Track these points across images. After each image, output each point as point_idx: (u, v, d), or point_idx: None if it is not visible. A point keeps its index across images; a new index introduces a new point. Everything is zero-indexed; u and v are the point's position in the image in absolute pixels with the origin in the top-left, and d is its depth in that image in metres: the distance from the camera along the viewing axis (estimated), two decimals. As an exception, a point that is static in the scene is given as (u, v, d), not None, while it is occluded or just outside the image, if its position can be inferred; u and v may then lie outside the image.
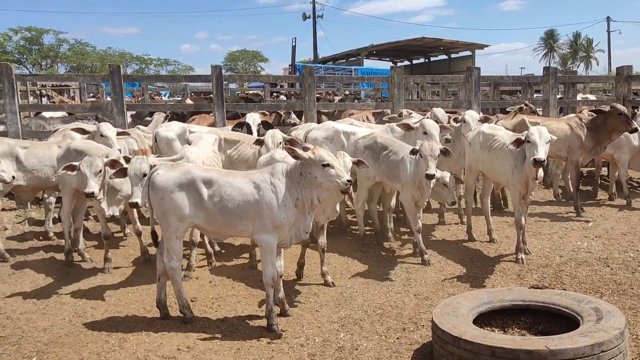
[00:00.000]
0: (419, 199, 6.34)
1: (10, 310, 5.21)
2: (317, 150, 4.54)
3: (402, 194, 6.48)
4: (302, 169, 4.56)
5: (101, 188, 5.64)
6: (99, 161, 5.50)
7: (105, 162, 5.56)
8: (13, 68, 8.61)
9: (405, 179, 6.29)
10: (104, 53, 61.42)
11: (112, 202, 6.04)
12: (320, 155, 4.47)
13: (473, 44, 47.10)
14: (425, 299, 5.36)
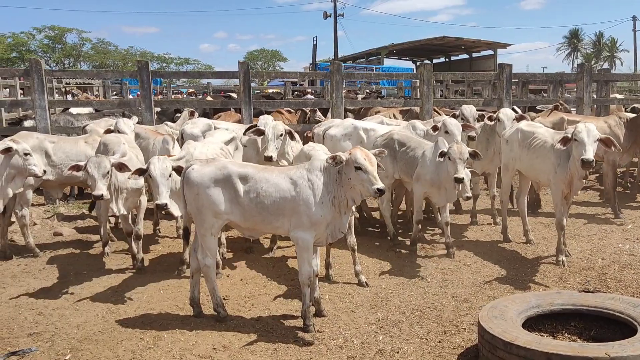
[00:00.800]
0: (434, 196, 6.32)
1: (42, 306, 5.16)
2: (354, 150, 4.37)
3: (416, 187, 6.40)
4: (340, 168, 4.42)
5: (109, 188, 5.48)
6: (106, 162, 5.34)
7: (113, 162, 5.43)
8: (42, 64, 8.59)
9: (423, 176, 6.20)
10: (125, 52, 62.03)
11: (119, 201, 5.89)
12: (355, 156, 4.30)
13: (495, 42, 46.45)
14: (464, 301, 5.18)
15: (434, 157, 6.03)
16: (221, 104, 10.50)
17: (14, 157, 5.49)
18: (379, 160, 4.50)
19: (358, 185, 4.31)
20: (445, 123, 6.58)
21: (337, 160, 4.35)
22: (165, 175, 4.95)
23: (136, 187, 5.96)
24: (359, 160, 4.26)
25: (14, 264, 6.43)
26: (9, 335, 4.56)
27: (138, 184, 5.95)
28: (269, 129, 6.34)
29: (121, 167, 5.45)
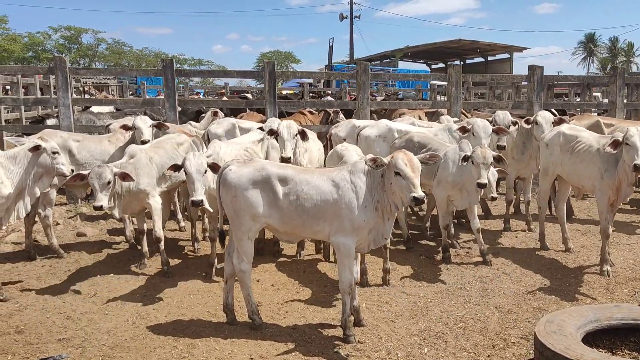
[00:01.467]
0: (456, 199, 6.20)
1: (70, 310, 4.99)
2: (397, 154, 4.14)
3: (437, 191, 6.23)
4: (383, 172, 4.20)
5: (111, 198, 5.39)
6: (107, 172, 5.22)
7: (116, 172, 5.33)
8: (67, 62, 8.46)
9: (444, 178, 6.05)
10: (140, 53, 62.25)
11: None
12: (395, 161, 4.09)
13: (511, 46, 46.15)
14: (508, 312, 4.94)
15: (456, 160, 5.91)
16: (245, 104, 10.33)
17: (42, 156, 5.32)
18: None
19: (397, 191, 4.11)
20: (473, 125, 6.35)
21: (377, 163, 4.13)
22: (200, 172, 4.90)
23: (137, 189, 5.77)
24: (398, 165, 4.05)
25: (39, 265, 6.29)
26: (38, 341, 4.39)
27: (140, 186, 5.78)
28: (284, 129, 6.11)
29: (124, 177, 5.38)
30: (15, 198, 5.29)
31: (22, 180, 5.28)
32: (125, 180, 5.43)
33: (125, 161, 5.87)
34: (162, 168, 6.12)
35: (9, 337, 4.46)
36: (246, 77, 11.07)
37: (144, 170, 5.91)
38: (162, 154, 6.28)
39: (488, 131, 6.39)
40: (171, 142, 6.54)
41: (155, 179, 6.07)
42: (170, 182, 6.35)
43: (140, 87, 20.76)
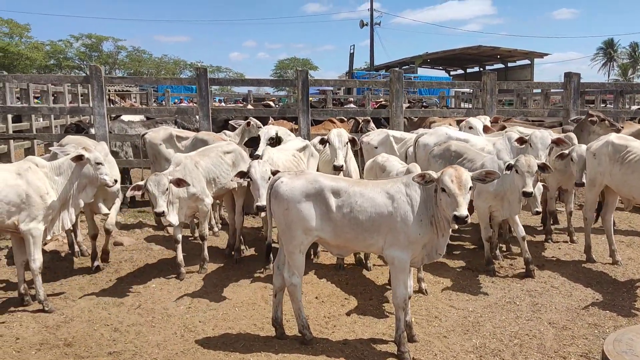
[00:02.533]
0: (497, 209, 6.13)
1: (116, 322, 4.95)
2: (446, 170, 4.03)
3: (478, 202, 6.13)
4: (436, 186, 4.11)
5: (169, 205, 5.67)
6: (164, 179, 5.47)
7: (171, 180, 5.55)
8: (102, 70, 8.51)
9: (485, 188, 5.88)
10: (159, 60, 62.96)
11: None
12: (443, 176, 3.99)
13: (532, 52, 45.64)
14: (563, 329, 4.80)
15: (495, 169, 5.75)
16: (278, 112, 10.29)
17: (85, 166, 5.32)
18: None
19: (444, 206, 4.02)
20: (531, 136, 6.19)
21: (426, 179, 4.04)
22: (264, 178, 5.13)
23: (187, 195, 5.92)
24: (444, 181, 3.96)
25: (80, 275, 6.28)
26: (88, 354, 4.36)
27: (190, 192, 5.94)
28: (335, 137, 6.07)
29: (179, 182, 5.58)
30: (60, 208, 5.29)
31: (66, 191, 5.28)
32: (180, 185, 5.62)
33: (172, 169, 5.93)
34: (207, 174, 6.25)
35: (59, 350, 4.43)
36: (279, 85, 11.01)
37: (191, 177, 5.99)
38: (207, 161, 6.32)
39: (546, 142, 6.18)
40: (217, 151, 6.55)
41: (204, 184, 6.17)
42: (216, 189, 6.38)
43: (164, 95, 20.91)
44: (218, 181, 6.37)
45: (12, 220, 5.00)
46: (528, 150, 6.22)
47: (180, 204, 5.94)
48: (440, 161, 6.48)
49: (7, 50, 46.11)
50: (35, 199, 5.07)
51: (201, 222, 6.28)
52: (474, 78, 48.63)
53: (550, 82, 10.97)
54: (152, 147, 7.80)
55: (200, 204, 6.10)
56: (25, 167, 5.18)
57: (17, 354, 4.37)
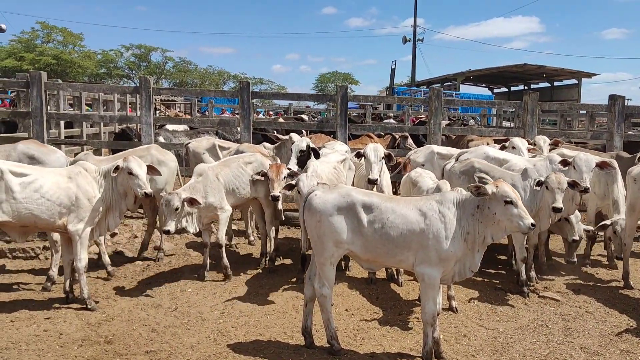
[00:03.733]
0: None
1: (154, 323, 5.16)
2: (500, 184, 4.17)
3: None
4: (480, 202, 4.19)
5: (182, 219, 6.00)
6: (175, 200, 5.76)
7: (184, 199, 5.83)
8: (151, 81, 8.88)
9: None
10: (204, 71, 64.47)
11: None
12: (504, 190, 4.12)
13: (579, 72, 44.65)
14: (595, 354, 4.74)
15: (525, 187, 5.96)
16: (317, 126, 10.48)
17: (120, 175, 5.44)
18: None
19: (506, 220, 4.15)
20: (575, 158, 6.14)
21: (481, 192, 4.13)
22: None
23: (206, 204, 6.20)
24: (509, 195, 4.13)
25: (120, 277, 6.55)
26: (127, 352, 4.57)
27: (208, 201, 6.26)
28: (371, 152, 6.17)
29: (192, 202, 5.89)
30: (106, 212, 5.57)
31: (109, 196, 5.54)
32: (193, 205, 5.92)
33: (194, 181, 6.28)
34: (227, 185, 6.52)
35: (99, 346, 4.66)
36: (319, 100, 11.17)
37: (211, 188, 6.32)
38: (227, 172, 6.59)
39: (591, 165, 6.12)
40: (238, 162, 6.77)
41: (223, 193, 6.45)
42: (235, 199, 6.62)
43: (208, 106, 21.48)
44: (237, 192, 6.62)
45: (62, 220, 5.30)
46: (571, 172, 6.17)
47: (199, 212, 6.25)
48: (464, 177, 6.52)
49: (61, 58, 48.08)
50: (83, 202, 5.36)
51: (220, 229, 6.49)
52: (518, 97, 47.83)
53: (593, 104, 10.80)
54: (195, 156, 8.08)
55: (219, 212, 6.39)
56: (76, 171, 5.49)
57: (60, 349, 4.61)
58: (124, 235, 7.96)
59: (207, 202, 6.25)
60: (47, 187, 5.24)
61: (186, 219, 6.13)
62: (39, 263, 6.97)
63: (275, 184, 6.27)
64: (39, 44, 49.73)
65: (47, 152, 6.79)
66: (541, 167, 6.68)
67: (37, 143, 7.04)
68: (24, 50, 47.22)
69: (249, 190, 6.66)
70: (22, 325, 5.02)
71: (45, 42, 50.49)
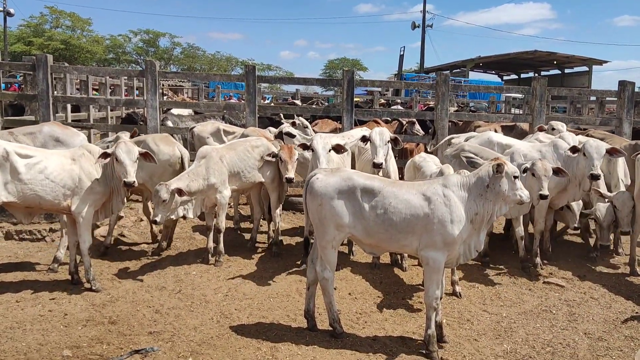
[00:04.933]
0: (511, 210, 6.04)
1: (158, 304, 5.19)
2: (507, 161, 4.21)
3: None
4: (490, 181, 4.19)
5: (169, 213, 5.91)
6: (163, 192, 5.69)
7: (172, 190, 5.75)
8: (157, 66, 8.86)
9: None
10: (212, 57, 64.29)
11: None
12: (513, 167, 4.25)
13: (590, 59, 44.20)
14: (599, 340, 4.72)
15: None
16: (323, 111, 10.43)
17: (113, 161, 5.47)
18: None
19: (512, 194, 4.24)
20: (585, 145, 6.03)
21: (501, 169, 4.21)
22: (325, 149, 5.74)
23: (207, 186, 6.18)
24: (517, 170, 4.27)
25: (126, 259, 6.58)
26: (130, 332, 4.60)
27: (210, 182, 6.20)
28: (376, 136, 6.10)
29: (180, 192, 5.80)
30: (110, 195, 5.58)
31: (109, 180, 5.53)
32: (181, 195, 5.83)
33: (195, 166, 6.26)
34: (232, 168, 6.48)
35: (103, 327, 4.70)
36: (325, 84, 11.09)
37: (214, 169, 6.26)
38: (232, 155, 6.55)
39: (601, 152, 6.01)
40: (244, 145, 6.75)
41: (226, 177, 6.39)
42: (240, 183, 6.61)
43: (215, 91, 21.44)
44: (242, 175, 6.58)
45: (67, 202, 5.32)
46: (581, 159, 6.10)
47: (202, 195, 6.26)
48: (455, 161, 6.51)
49: (69, 43, 48.06)
50: (87, 183, 5.37)
51: (219, 214, 6.46)
52: (528, 84, 47.35)
53: (603, 90, 10.65)
54: (200, 140, 8.07)
55: (218, 195, 6.33)
56: (80, 153, 5.50)
57: (65, 329, 4.65)
58: (129, 219, 7.99)
59: (209, 183, 6.22)
60: (52, 169, 5.26)
61: (184, 207, 6.15)
62: (45, 245, 7.02)
63: (289, 165, 6.24)
64: (48, 28, 49.74)
65: (71, 135, 6.81)
66: (547, 152, 6.60)
67: (61, 125, 7.05)
68: (32, 35, 47.23)
69: (255, 174, 6.64)
70: (27, 306, 5.07)
71: (54, 27, 50.48)
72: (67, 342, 4.41)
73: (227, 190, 6.41)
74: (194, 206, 6.28)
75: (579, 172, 6.18)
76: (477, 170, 4.32)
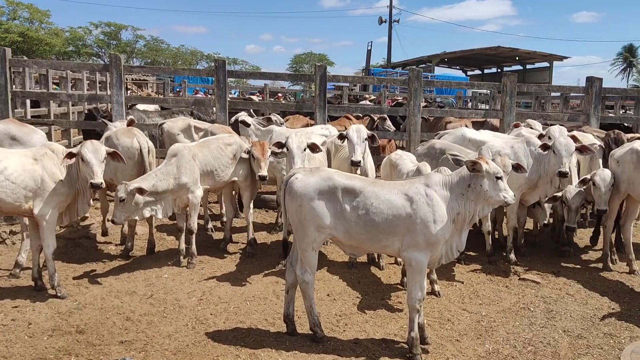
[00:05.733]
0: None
1: (129, 311, 4.96)
2: (489, 160, 4.11)
3: None
4: (472, 180, 4.11)
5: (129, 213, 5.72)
6: (121, 191, 5.54)
7: (131, 190, 5.56)
8: (122, 59, 8.52)
9: None
10: (176, 50, 63.12)
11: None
12: (495, 167, 4.16)
13: (551, 55, 45.26)
14: (578, 337, 4.72)
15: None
16: (295, 107, 10.26)
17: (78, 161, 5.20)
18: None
19: (495, 195, 4.14)
20: (555, 142, 6.04)
21: (476, 168, 4.11)
22: (301, 148, 5.64)
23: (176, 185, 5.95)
24: (500, 170, 4.19)
25: (93, 262, 6.30)
26: (100, 342, 4.37)
27: (181, 182, 5.96)
28: (353, 133, 6.01)
29: (141, 191, 5.61)
30: (76, 197, 5.29)
31: (74, 181, 5.24)
32: (142, 195, 5.63)
33: (164, 164, 6.04)
34: (205, 166, 6.25)
35: (71, 336, 4.45)
36: (297, 79, 10.89)
37: (185, 168, 6.02)
38: (206, 153, 6.33)
39: (570, 150, 6.02)
40: (217, 143, 6.53)
41: (198, 175, 6.16)
42: (213, 182, 6.39)
43: (181, 86, 20.97)
44: (216, 174, 6.37)
45: (29, 205, 5.02)
46: (551, 157, 6.11)
47: (173, 195, 6.01)
48: (426, 159, 6.44)
49: (27, 35, 46.33)
50: (50, 185, 5.07)
51: (190, 215, 6.20)
52: (491, 79, 48.20)
53: (571, 85, 10.79)
54: (169, 137, 7.81)
55: (190, 195, 6.08)
56: (42, 152, 5.19)
57: (29, 339, 4.38)
58: (95, 219, 7.68)
59: (180, 182, 5.99)
60: (12, 169, 4.94)
61: (151, 208, 5.92)
62: (5, 248, 6.66)
63: (262, 162, 6.10)
64: (4, 20, 47.82)
65: (28, 132, 6.47)
66: (519, 149, 6.60)
67: (17, 122, 6.69)
68: (-12, 28, 45.43)
69: (228, 172, 6.45)
70: (-13, 315, 4.77)
71: (11, 19, 48.56)
72: (33, 354, 4.15)
73: (199, 190, 6.19)
74: (163, 206, 6.05)
75: (550, 169, 6.18)
76: (460, 169, 4.25)
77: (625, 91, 11.35)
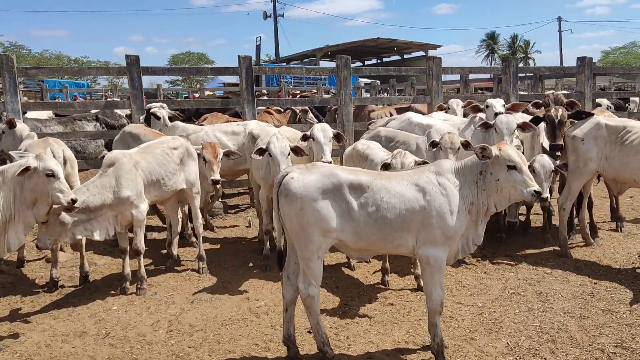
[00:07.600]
0: None
1: (87, 358, 4.03)
2: (505, 147, 3.74)
3: None
4: (483, 167, 3.74)
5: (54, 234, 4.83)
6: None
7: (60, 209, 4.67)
8: (14, 61, 7.18)
9: None
10: (39, 56, 57.82)
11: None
12: (507, 154, 3.70)
13: (426, 44, 47.86)
14: (583, 318, 4.59)
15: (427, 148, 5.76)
16: (221, 103, 9.42)
17: (33, 178, 4.22)
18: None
19: (509, 187, 3.71)
20: (496, 121, 5.96)
21: (485, 154, 3.67)
22: (284, 154, 5.16)
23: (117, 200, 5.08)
24: (513, 158, 3.69)
25: (18, 299, 5.19)
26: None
27: (122, 196, 5.08)
28: (319, 133, 5.56)
29: (71, 210, 4.66)
30: (5, 226, 4.22)
31: (8, 204, 4.21)
32: (72, 211, 4.70)
33: (99, 176, 5.12)
34: (150, 175, 5.39)
35: (22, 403, 3.49)
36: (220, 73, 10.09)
37: (126, 179, 5.13)
38: (150, 159, 5.45)
39: (512, 127, 5.93)
40: (162, 147, 5.69)
41: (142, 187, 5.27)
42: (160, 192, 5.54)
43: (62, 92, 18.91)
44: (163, 183, 5.55)
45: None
46: (493, 135, 6.03)
47: (113, 211, 5.11)
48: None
49: None
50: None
51: (136, 234, 5.31)
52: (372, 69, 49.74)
53: (492, 67, 11.03)
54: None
55: (134, 211, 5.19)
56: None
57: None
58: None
59: (120, 196, 5.08)
60: None
61: (84, 227, 4.97)
62: None
63: (214, 166, 5.40)
64: None
65: None
66: (466, 131, 6.57)
67: None
68: None
69: (176, 180, 5.62)
70: None
71: None
72: None
73: (144, 204, 5.28)
74: (101, 225, 5.08)
75: None
76: (473, 155, 3.89)
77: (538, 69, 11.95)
